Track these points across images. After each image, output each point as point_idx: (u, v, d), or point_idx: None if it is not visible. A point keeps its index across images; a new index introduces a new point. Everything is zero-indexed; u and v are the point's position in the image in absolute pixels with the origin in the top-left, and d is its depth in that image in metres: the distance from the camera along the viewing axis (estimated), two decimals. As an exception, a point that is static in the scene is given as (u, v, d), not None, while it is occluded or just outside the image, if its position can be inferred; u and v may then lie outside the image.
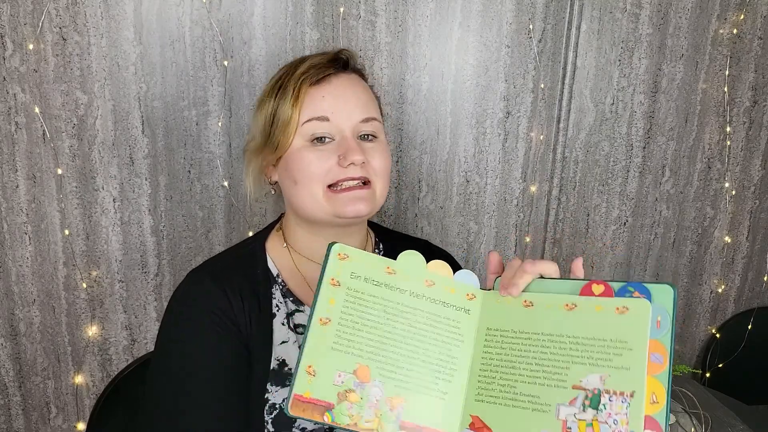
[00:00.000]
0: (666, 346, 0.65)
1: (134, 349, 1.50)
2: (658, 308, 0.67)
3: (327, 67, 0.91)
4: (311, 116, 0.88)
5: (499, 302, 0.75)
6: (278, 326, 0.91)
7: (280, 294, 0.93)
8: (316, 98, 0.88)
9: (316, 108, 0.88)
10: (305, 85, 0.88)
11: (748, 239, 1.79)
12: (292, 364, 0.89)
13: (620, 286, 0.69)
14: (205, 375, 0.84)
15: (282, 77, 0.92)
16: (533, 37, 1.51)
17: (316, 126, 0.88)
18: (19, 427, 1.50)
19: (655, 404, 0.64)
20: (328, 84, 0.90)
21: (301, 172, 0.88)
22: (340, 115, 0.88)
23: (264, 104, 0.92)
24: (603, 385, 0.66)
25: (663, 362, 0.65)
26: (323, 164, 0.87)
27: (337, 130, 0.88)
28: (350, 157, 0.86)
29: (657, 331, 0.66)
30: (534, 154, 1.59)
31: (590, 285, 0.70)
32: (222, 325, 0.87)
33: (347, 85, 0.91)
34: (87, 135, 1.36)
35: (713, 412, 1.36)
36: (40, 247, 1.40)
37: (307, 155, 0.88)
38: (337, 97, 0.89)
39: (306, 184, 0.88)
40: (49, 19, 1.29)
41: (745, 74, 1.64)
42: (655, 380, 0.64)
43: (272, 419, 0.86)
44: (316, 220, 0.91)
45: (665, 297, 0.67)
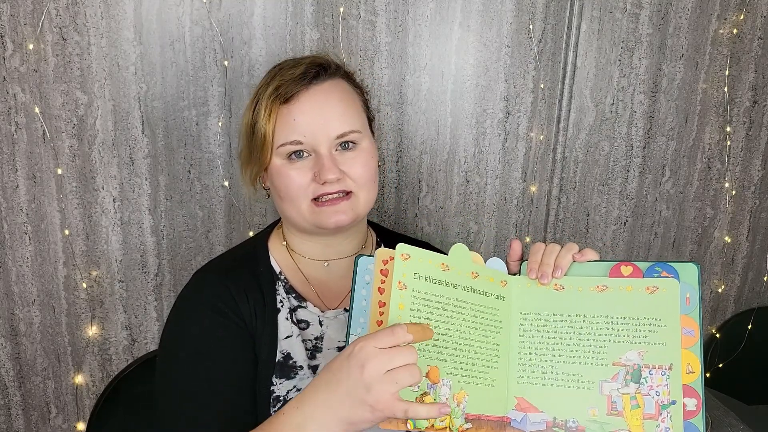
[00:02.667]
0: (696, 321, 0.71)
1: (134, 349, 1.50)
2: (685, 286, 0.72)
3: (296, 83, 0.89)
4: (284, 141, 0.88)
5: (530, 286, 0.78)
6: (282, 321, 0.93)
7: (283, 290, 0.95)
8: (287, 120, 0.88)
9: (288, 132, 0.88)
10: (276, 105, 0.88)
11: (748, 239, 1.79)
12: (296, 358, 0.91)
13: (648, 267, 0.74)
14: (214, 370, 0.85)
15: (258, 90, 0.92)
16: (533, 37, 1.51)
17: (290, 148, 0.88)
18: (19, 427, 1.50)
19: (691, 374, 0.70)
20: (297, 102, 0.88)
21: (283, 188, 0.90)
22: (313, 136, 0.88)
23: (246, 113, 0.93)
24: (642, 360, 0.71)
25: (695, 335, 0.70)
26: (302, 180, 0.88)
27: (311, 147, 0.89)
28: (324, 175, 0.87)
29: (687, 308, 0.72)
30: (534, 154, 1.59)
31: (619, 267, 0.75)
32: (229, 320, 0.89)
33: (318, 101, 0.89)
34: (87, 135, 1.36)
35: (713, 412, 1.36)
36: (40, 247, 1.40)
37: (287, 172, 0.89)
38: (308, 119, 0.88)
39: (290, 199, 0.90)
40: (49, 19, 1.29)
41: (745, 74, 1.64)
42: (689, 352, 0.70)
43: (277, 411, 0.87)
44: (303, 230, 0.94)
45: (691, 275, 0.73)
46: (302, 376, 0.91)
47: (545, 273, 0.76)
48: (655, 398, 0.70)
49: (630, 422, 0.70)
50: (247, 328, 0.90)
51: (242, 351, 0.88)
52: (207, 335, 0.87)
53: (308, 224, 0.91)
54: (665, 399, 0.70)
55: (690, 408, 0.69)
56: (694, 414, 0.69)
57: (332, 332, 0.94)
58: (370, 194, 0.92)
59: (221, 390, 0.84)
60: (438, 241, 1.58)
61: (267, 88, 0.90)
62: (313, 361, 0.92)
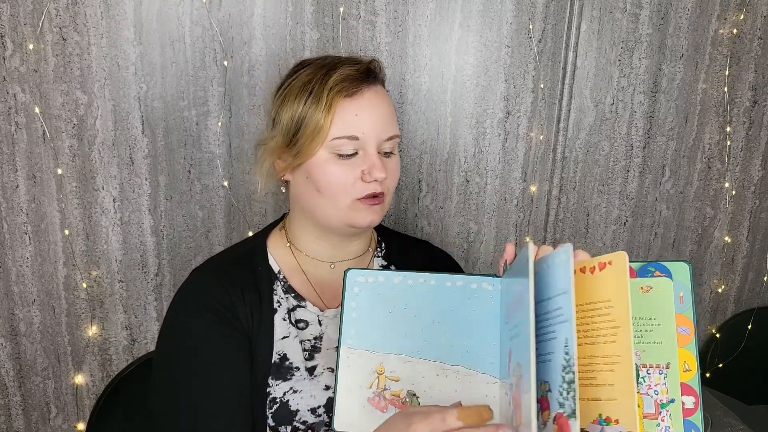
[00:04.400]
0: (691, 319, 0.71)
1: (134, 349, 1.50)
2: (678, 285, 0.72)
3: (360, 80, 0.89)
4: (342, 134, 0.87)
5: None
6: (279, 321, 0.92)
7: (281, 290, 0.94)
8: (348, 114, 0.87)
9: (347, 126, 0.87)
10: (339, 97, 0.87)
11: (748, 239, 1.79)
12: (293, 359, 0.90)
13: (640, 266, 0.74)
14: (211, 372, 0.85)
15: (312, 81, 0.89)
16: (533, 37, 1.51)
17: (344, 143, 0.87)
18: (19, 427, 1.50)
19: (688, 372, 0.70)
20: (360, 98, 0.88)
21: (326, 183, 0.88)
22: (370, 134, 0.88)
23: (289, 104, 0.90)
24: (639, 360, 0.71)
25: (690, 333, 0.71)
26: (348, 178, 0.88)
27: (363, 146, 0.88)
28: (374, 174, 0.87)
29: (681, 306, 0.72)
30: (534, 154, 1.59)
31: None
32: (224, 320, 0.88)
33: (378, 102, 0.90)
34: (87, 135, 1.36)
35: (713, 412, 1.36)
36: (40, 247, 1.40)
37: (333, 168, 0.88)
38: (368, 115, 0.88)
39: (331, 195, 0.88)
40: (49, 19, 1.29)
41: (745, 74, 1.64)
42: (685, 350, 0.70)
43: (272, 413, 0.87)
44: (328, 226, 0.93)
45: (683, 274, 0.73)
46: (298, 377, 0.90)
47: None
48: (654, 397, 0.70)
49: None
50: (243, 329, 0.89)
51: (239, 352, 0.88)
52: (203, 337, 0.87)
53: (338, 221, 0.90)
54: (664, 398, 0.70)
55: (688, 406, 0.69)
56: (693, 412, 0.69)
57: (332, 332, 0.94)
58: (390, 200, 0.94)
59: (218, 392, 0.84)
60: (438, 241, 1.58)
61: (326, 78, 0.88)
62: (310, 362, 0.92)
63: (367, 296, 0.77)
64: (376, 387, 0.73)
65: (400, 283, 0.77)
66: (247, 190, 1.46)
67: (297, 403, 0.88)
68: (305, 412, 0.88)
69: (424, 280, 0.77)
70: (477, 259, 1.63)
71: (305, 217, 0.95)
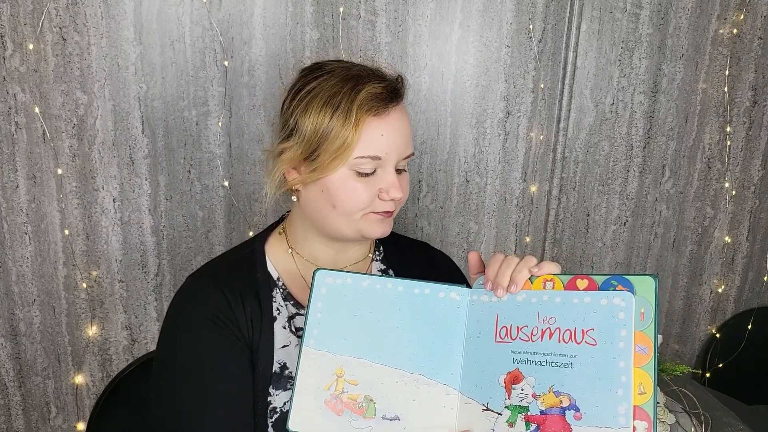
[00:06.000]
0: (650, 338, 0.67)
1: (134, 349, 1.50)
2: (641, 300, 0.68)
3: (389, 99, 0.87)
4: (366, 153, 0.85)
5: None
6: (279, 329, 0.90)
7: (280, 297, 0.93)
8: (375, 133, 0.86)
9: (373, 146, 0.86)
10: (368, 116, 0.85)
11: (748, 239, 1.79)
12: (292, 368, 0.89)
13: (604, 280, 0.70)
14: (208, 381, 0.84)
15: (338, 95, 0.85)
16: (533, 37, 1.51)
17: (367, 162, 0.86)
18: (19, 427, 1.50)
19: (643, 395, 0.65)
20: (387, 118, 0.87)
21: (343, 200, 0.87)
22: (391, 154, 0.87)
23: (313, 115, 0.86)
24: None
25: (648, 353, 0.66)
26: (366, 196, 0.87)
27: (382, 164, 0.88)
28: (392, 194, 0.87)
29: (641, 323, 0.67)
30: (534, 154, 1.59)
31: (575, 280, 0.72)
32: (223, 328, 0.86)
33: (401, 121, 0.89)
34: (87, 135, 1.36)
35: (713, 412, 1.36)
36: (40, 247, 1.40)
37: (352, 185, 0.87)
38: (393, 136, 0.87)
39: (346, 211, 0.88)
40: (49, 19, 1.29)
41: (745, 74, 1.64)
42: (642, 371, 0.66)
43: (273, 423, 0.86)
44: (340, 238, 0.92)
45: (647, 289, 0.68)
46: None
47: (499, 285, 0.74)
48: None
49: None
50: (243, 338, 0.87)
51: (239, 360, 0.86)
52: (203, 347, 0.85)
53: (351, 232, 0.90)
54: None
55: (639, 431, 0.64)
56: None
57: None
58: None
59: (218, 401, 0.83)
60: (438, 241, 1.58)
61: (355, 94, 0.85)
62: None
63: (333, 298, 0.77)
64: (334, 389, 0.73)
65: (367, 287, 0.77)
66: (247, 190, 1.46)
67: None
68: None
69: (392, 285, 0.77)
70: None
71: (310, 224, 0.94)
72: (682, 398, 1.40)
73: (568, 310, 0.71)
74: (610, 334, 0.68)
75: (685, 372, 1.26)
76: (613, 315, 0.68)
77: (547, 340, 0.70)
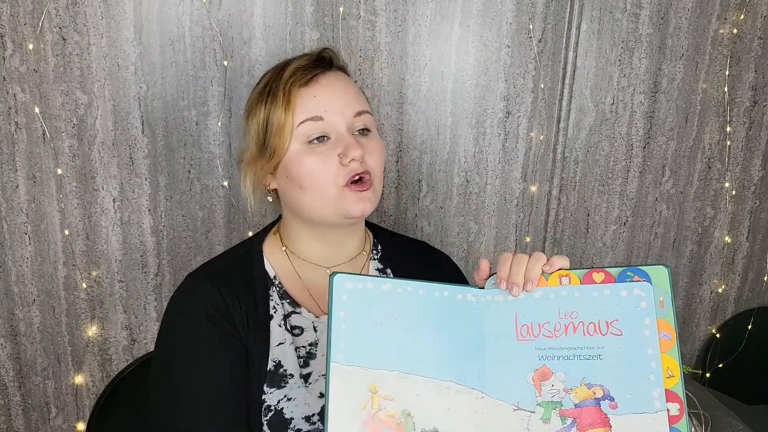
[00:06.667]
0: (672, 324, 0.70)
1: (134, 349, 1.50)
2: (658, 289, 0.71)
3: (314, 67, 0.90)
4: (305, 117, 0.87)
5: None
6: (275, 328, 0.91)
7: (277, 296, 0.93)
8: (307, 99, 0.88)
9: (309, 108, 0.88)
10: (295, 88, 0.88)
11: (748, 239, 1.79)
12: (287, 366, 0.89)
13: (619, 272, 0.73)
14: (205, 378, 0.84)
15: (269, 82, 0.91)
16: (533, 37, 1.51)
17: (311, 127, 0.87)
18: (19, 427, 1.50)
19: (671, 378, 0.69)
20: (317, 84, 0.89)
21: (305, 176, 0.87)
22: (334, 113, 0.88)
23: (254, 112, 0.91)
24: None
25: (671, 338, 0.70)
26: (327, 166, 0.87)
27: (332, 128, 0.88)
28: (350, 153, 0.86)
29: (661, 311, 0.71)
30: (534, 154, 1.59)
31: (590, 274, 0.74)
32: (220, 326, 0.87)
33: (336, 82, 0.91)
34: (87, 135, 1.36)
35: (713, 412, 1.36)
36: (40, 247, 1.40)
37: (308, 159, 0.87)
38: (328, 95, 0.89)
39: (314, 188, 0.87)
40: (49, 19, 1.29)
41: (745, 74, 1.64)
42: (668, 356, 0.69)
43: (267, 421, 0.86)
44: (322, 222, 0.91)
45: (662, 278, 0.72)
46: (293, 385, 0.88)
47: (515, 284, 0.73)
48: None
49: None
50: (239, 336, 0.88)
51: (234, 358, 0.87)
52: (199, 344, 0.86)
53: (330, 213, 0.88)
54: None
55: (673, 413, 0.68)
56: (678, 419, 0.67)
57: None
58: (380, 186, 0.92)
59: (215, 402, 0.83)
60: (438, 241, 1.58)
61: (281, 75, 0.89)
62: (305, 369, 0.90)
63: (356, 305, 0.71)
64: (370, 407, 0.69)
65: (389, 291, 0.73)
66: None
67: (291, 411, 0.87)
68: (299, 420, 0.87)
69: (413, 289, 0.73)
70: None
71: (296, 218, 0.94)
72: (682, 398, 1.39)
73: (589, 303, 0.72)
74: (634, 323, 0.70)
75: (685, 372, 1.26)
76: (635, 305, 0.71)
77: (571, 334, 0.72)
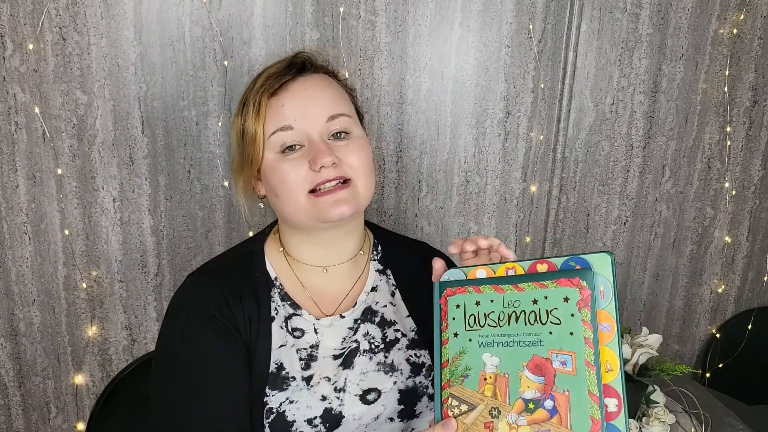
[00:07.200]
0: (612, 315, 0.67)
1: (134, 349, 1.50)
2: (599, 278, 0.68)
3: (282, 75, 0.90)
4: (275, 127, 0.88)
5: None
6: (277, 329, 0.91)
7: (278, 297, 0.93)
8: (276, 108, 0.88)
9: (278, 118, 0.88)
10: (264, 97, 0.88)
11: (748, 239, 1.79)
12: (289, 368, 0.89)
13: (562, 262, 0.71)
14: (206, 379, 0.84)
15: (245, 93, 0.92)
16: (533, 37, 1.51)
17: (282, 137, 0.88)
18: (19, 427, 1.50)
19: (610, 372, 0.65)
20: (285, 92, 0.89)
21: (279, 184, 0.88)
22: (304, 120, 0.87)
23: (234, 122, 0.93)
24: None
25: (611, 330, 0.66)
26: (297, 172, 0.87)
27: (304, 135, 0.88)
28: (319, 160, 0.85)
29: (602, 302, 0.67)
30: (534, 154, 1.59)
31: (535, 265, 0.73)
32: (221, 327, 0.87)
33: (306, 88, 0.90)
34: (87, 135, 1.36)
35: (713, 412, 1.36)
36: (40, 247, 1.40)
37: (281, 166, 0.88)
38: (297, 103, 0.88)
39: (287, 194, 0.88)
40: (49, 19, 1.29)
41: (745, 74, 1.64)
42: (607, 349, 0.66)
43: (269, 423, 0.86)
44: (304, 227, 0.92)
45: (604, 266, 0.68)
46: (294, 387, 0.88)
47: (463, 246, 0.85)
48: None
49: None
50: (241, 337, 0.88)
51: (236, 360, 0.87)
52: (201, 345, 0.85)
53: (309, 219, 0.88)
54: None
55: (611, 409, 0.64)
56: (616, 415, 0.64)
57: (328, 340, 0.92)
58: (368, 184, 0.90)
59: (216, 401, 0.83)
60: (438, 241, 1.58)
61: (252, 87, 0.91)
62: (306, 371, 0.90)
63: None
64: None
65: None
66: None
67: (293, 414, 0.86)
68: (301, 422, 0.86)
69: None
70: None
71: (285, 222, 0.95)
72: (682, 398, 1.40)
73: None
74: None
75: (685, 372, 1.26)
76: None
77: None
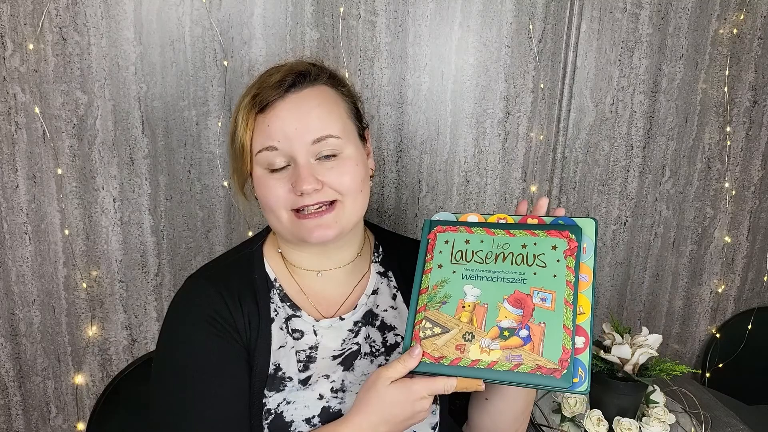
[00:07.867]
0: (590, 268, 0.79)
1: (134, 349, 1.50)
2: (584, 237, 0.80)
3: (271, 91, 0.88)
4: (261, 146, 0.88)
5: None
6: (276, 331, 0.91)
7: (278, 298, 0.93)
8: (263, 127, 0.88)
9: (264, 137, 0.87)
10: (252, 114, 0.88)
11: (748, 239, 1.79)
12: (285, 369, 0.89)
13: (551, 220, 0.83)
14: (206, 381, 0.84)
15: (240, 102, 0.91)
16: (533, 37, 1.51)
17: (267, 156, 0.87)
18: (19, 427, 1.50)
19: (582, 314, 0.77)
20: (272, 110, 0.87)
21: (263, 198, 0.89)
22: (288, 141, 0.86)
23: (231, 124, 0.93)
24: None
25: (588, 280, 0.78)
26: (279, 191, 0.87)
27: (288, 156, 0.87)
28: (299, 186, 0.85)
29: (584, 256, 0.79)
30: (534, 154, 1.59)
31: (525, 218, 0.84)
32: (221, 329, 0.87)
33: (293, 108, 0.87)
34: (87, 135, 1.36)
35: (713, 412, 1.36)
36: (40, 247, 1.40)
37: (266, 182, 0.88)
38: (281, 125, 0.86)
39: (271, 209, 0.89)
40: (49, 19, 1.29)
41: (745, 74, 1.64)
42: (583, 296, 0.77)
43: (268, 424, 0.86)
44: (292, 241, 0.93)
45: (589, 228, 0.80)
46: (291, 388, 0.88)
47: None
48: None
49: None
50: (240, 339, 0.88)
51: (236, 363, 0.87)
52: (200, 348, 0.85)
53: (291, 235, 0.90)
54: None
55: (578, 345, 0.74)
56: (582, 351, 0.74)
57: (327, 341, 0.92)
58: (357, 203, 0.90)
59: (216, 403, 0.83)
60: (438, 241, 1.58)
61: (245, 98, 0.89)
62: (305, 372, 0.89)
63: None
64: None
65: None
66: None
67: (291, 414, 0.86)
68: (300, 422, 0.86)
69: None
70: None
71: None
72: (682, 398, 1.40)
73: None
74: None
75: (685, 372, 1.26)
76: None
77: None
